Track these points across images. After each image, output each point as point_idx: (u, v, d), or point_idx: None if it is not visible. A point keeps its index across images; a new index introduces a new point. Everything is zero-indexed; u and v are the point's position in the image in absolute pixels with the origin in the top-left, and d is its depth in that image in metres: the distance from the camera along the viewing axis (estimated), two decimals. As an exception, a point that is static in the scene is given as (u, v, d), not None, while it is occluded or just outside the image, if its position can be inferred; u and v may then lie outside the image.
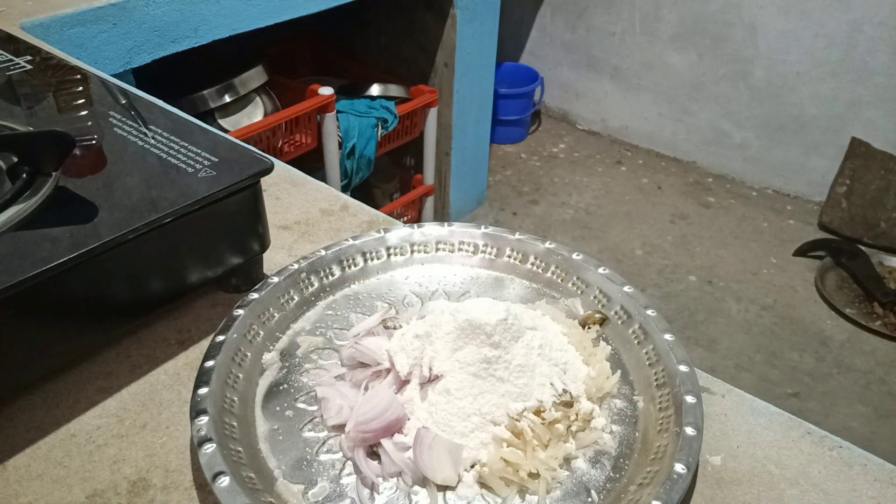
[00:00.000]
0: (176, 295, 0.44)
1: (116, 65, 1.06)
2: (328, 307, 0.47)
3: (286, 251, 0.54)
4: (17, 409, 0.40)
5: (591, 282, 0.48)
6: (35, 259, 0.35)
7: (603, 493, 0.36)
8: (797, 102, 2.18)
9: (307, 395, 0.41)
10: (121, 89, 0.56)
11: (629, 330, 0.44)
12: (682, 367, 0.40)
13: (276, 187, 0.61)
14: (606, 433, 0.39)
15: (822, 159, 2.20)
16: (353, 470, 0.36)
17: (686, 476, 0.33)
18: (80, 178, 0.43)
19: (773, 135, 2.27)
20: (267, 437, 0.38)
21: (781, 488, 0.37)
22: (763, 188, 2.36)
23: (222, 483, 0.32)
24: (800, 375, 1.67)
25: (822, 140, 2.18)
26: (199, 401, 0.36)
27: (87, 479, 0.36)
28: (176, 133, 0.48)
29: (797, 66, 2.14)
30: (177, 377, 0.43)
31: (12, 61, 0.60)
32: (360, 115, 1.67)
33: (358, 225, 0.57)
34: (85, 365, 0.43)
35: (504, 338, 0.38)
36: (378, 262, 0.51)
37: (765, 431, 0.40)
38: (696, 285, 1.95)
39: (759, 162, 2.33)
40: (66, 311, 0.39)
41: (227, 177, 0.43)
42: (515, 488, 0.35)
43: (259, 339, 0.43)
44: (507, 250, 0.51)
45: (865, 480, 0.37)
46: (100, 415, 0.40)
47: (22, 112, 0.52)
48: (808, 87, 2.14)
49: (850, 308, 1.84)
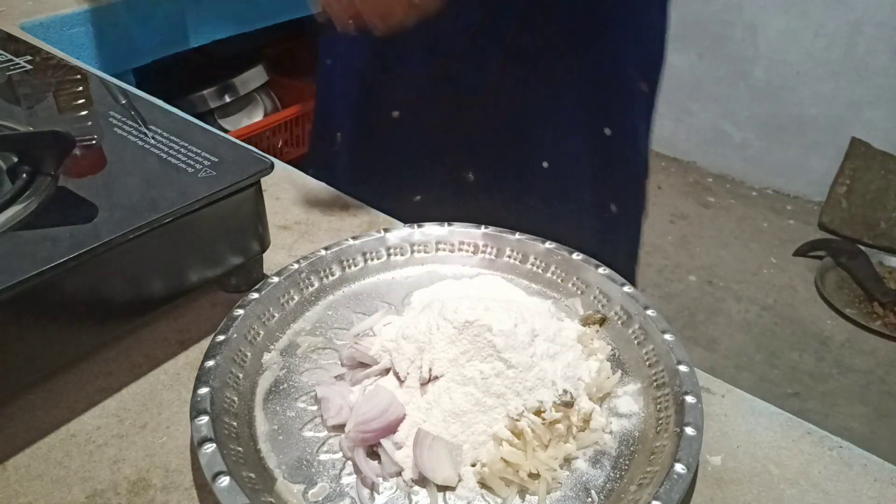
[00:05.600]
0: (176, 295, 0.44)
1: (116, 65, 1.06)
2: (328, 307, 0.47)
3: (286, 251, 0.54)
4: (17, 409, 0.40)
5: (591, 282, 0.48)
6: (35, 259, 0.35)
7: (603, 493, 0.36)
8: (797, 102, 2.18)
9: (307, 395, 0.41)
10: (121, 89, 0.56)
11: (629, 330, 0.44)
12: (682, 367, 0.40)
13: (276, 187, 0.61)
14: (606, 433, 0.39)
15: (822, 159, 2.20)
16: (353, 470, 0.36)
17: (686, 476, 0.33)
18: (80, 178, 0.43)
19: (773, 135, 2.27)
20: (267, 437, 0.38)
21: (781, 488, 0.37)
22: (763, 188, 2.36)
23: (222, 483, 0.32)
24: (800, 375, 1.67)
25: (822, 140, 2.18)
26: (199, 401, 0.36)
27: (87, 479, 0.36)
28: (176, 133, 0.48)
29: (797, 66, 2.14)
30: (177, 377, 0.43)
31: (12, 61, 0.60)
32: (360, 115, 1.67)
33: (358, 225, 0.57)
34: (85, 365, 0.43)
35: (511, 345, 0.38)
36: (378, 262, 0.51)
37: (765, 431, 0.40)
38: (696, 285, 1.95)
39: (759, 162, 2.34)
40: (67, 311, 0.39)
41: (227, 177, 0.43)
42: (515, 488, 0.35)
43: (259, 339, 0.43)
44: (507, 250, 0.51)
45: (865, 480, 0.37)
46: (100, 415, 0.40)
47: (22, 112, 0.52)
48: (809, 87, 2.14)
49: (850, 308, 1.84)
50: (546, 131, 0.65)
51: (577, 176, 0.67)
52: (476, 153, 0.66)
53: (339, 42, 0.69)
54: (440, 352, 0.39)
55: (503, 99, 0.63)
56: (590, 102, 0.64)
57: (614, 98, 0.65)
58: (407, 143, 0.68)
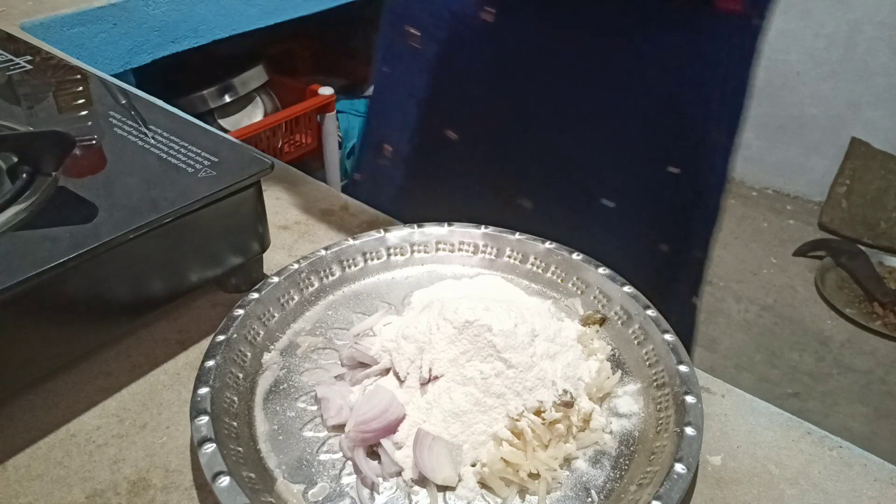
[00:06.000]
0: (176, 295, 0.44)
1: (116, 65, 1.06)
2: (328, 307, 0.47)
3: (286, 251, 0.54)
4: (17, 409, 0.40)
5: (591, 282, 0.48)
6: (35, 259, 0.35)
7: (603, 493, 0.36)
8: (797, 102, 2.18)
9: (307, 395, 0.41)
10: (121, 89, 0.56)
11: (629, 330, 0.44)
12: (682, 367, 0.40)
13: (276, 187, 0.61)
14: (606, 433, 0.39)
15: (822, 159, 2.20)
16: (353, 470, 0.36)
17: (686, 476, 0.33)
18: (80, 178, 0.43)
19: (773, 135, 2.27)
20: (267, 437, 0.38)
21: (781, 488, 0.37)
22: (763, 188, 2.36)
23: (222, 483, 0.32)
24: (800, 375, 1.67)
25: (822, 140, 2.18)
26: (199, 401, 0.36)
27: (87, 479, 0.36)
28: (176, 133, 0.48)
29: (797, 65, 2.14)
30: (177, 377, 0.43)
31: (12, 61, 0.60)
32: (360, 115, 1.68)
33: (358, 225, 0.57)
34: (85, 365, 0.43)
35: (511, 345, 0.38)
36: (378, 262, 0.51)
37: (765, 431, 0.40)
38: (696, 285, 1.95)
39: (759, 162, 2.33)
40: (66, 311, 0.39)
41: (227, 177, 0.43)
42: (515, 488, 0.35)
43: (259, 339, 0.43)
44: (507, 250, 0.51)
45: (865, 480, 0.37)
46: (100, 415, 0.40)
47: (22, 112, 0.52)
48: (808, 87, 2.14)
49: (850, 308, 1.84)
50: (609, 166, 0.61)
51: (639, 213, 0.63)
52: (533, 181, 0.63)
53: (402, 52, 0.65)
54: (440, 352, 0.39)
55: (567, 128, 0.60)
56: (659, 140, 0.60)
57: (686, 139, 0.61)
58: (461, 165, 0.65)
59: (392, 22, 0.65)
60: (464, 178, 0.64)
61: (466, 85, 0.61)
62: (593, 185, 0.62)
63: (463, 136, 0.63)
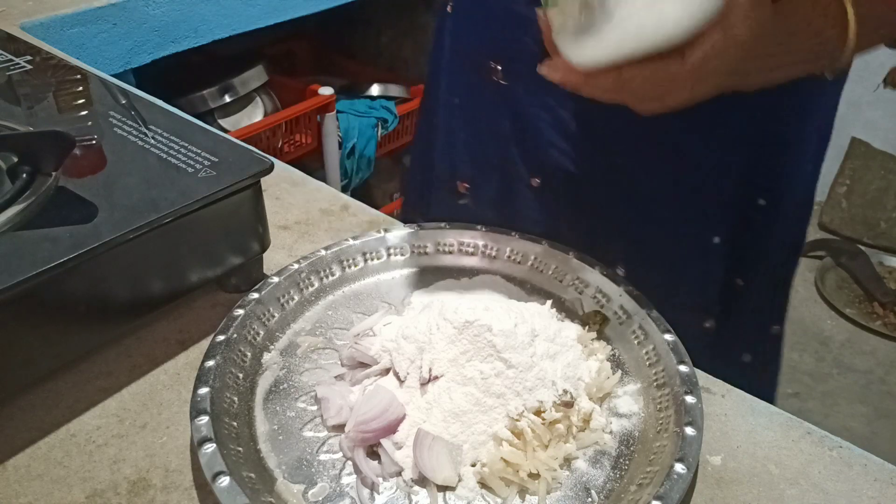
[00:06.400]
0: (176, 295, 0.44)
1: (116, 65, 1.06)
2: (328, 307, 0.47)
3: (286, 251, 0.54)
4: (17, 409, 0.40)
5: (590, 282, 0.48)
6: (35, 259, 0.35)
7: (603, 493, 0.36)
8: (797, 102, 2.18)
9: (307, 395, 0.41)
10: (121, 89, 0.56)
11: (629, 330, 0.44)
12: (682, 367, 0.40)
13: (276, 187, 0.61)
14: (606, 433, 0.39)
15: (822, 159, 2.20)
16: (353, 470, 0.36)
17: (686, 476, 0.33)
18: (80, 178, 0.43)
19: (773, 135, 2.27)
20: (267, 437, 0.38)
21: (781, 488, 0.37)
22: (763, 188, 2.36)
23: (222, 483, 0.32)
24: (800, 375, 1.67)
25: (822, 140, 2.18)
26: (199, 401, 0.37)
27: (87, 479, 0.36)
28: (176, 133, 0.48)
29: (797, 66, 2.13)
30: (177, 377, 0.43)
31: (12, 61, 0.60)
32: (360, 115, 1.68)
33: (358, 225, 0.57)
34: (85, 365, 0.43)
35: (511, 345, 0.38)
36: (378, 262, 0.51)
37: (765, 431, 0.40)
38: (696, 285, 1.95)
39: (759, 162, 2.33)
40: (67, 311, 0.39)
41: (227, 177, 0.43)
42: (515, 488, 0.35)
43: (259, 339, 0.43)
44: (507, 250, 0.51)
45: (865, 480, 0.37)
46: (100, 415, 0.40)
47: (22, 112, 0.52)
48: (808, 87, 2.14)
49: (850, 308, 1.84)
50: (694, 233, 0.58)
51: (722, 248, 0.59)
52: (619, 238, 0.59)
53: (477, 84, 0.60)
54: (440, 352, 0.39)
55: (655, 183, 0.56)
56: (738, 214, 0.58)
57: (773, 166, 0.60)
58: (543, 214, 0.61)
59: (464, 51, 0.61)
60: (548, 227, 0.59)
61: (553, 132, 0.57)
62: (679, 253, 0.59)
63: (548, 185, 0.59)
